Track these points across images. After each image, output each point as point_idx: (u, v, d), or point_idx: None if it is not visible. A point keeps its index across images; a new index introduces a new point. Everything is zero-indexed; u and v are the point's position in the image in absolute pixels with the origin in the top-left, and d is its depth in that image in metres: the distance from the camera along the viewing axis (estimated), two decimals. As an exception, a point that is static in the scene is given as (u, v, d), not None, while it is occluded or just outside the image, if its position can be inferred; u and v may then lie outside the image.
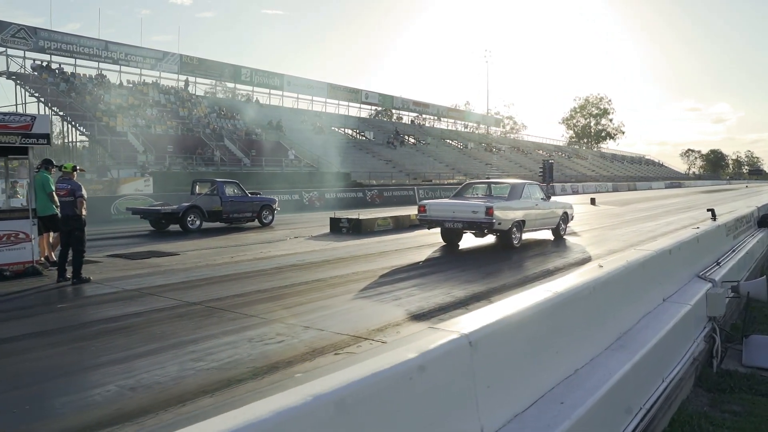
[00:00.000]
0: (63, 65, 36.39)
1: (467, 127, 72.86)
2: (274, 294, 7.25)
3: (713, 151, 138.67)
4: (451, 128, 69.07)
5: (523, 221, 11.68)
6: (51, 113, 32.79)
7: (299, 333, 5.48)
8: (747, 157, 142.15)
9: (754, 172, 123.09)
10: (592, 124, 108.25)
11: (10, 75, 33.43)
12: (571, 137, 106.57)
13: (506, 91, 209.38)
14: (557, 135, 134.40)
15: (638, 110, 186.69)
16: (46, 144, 8.85)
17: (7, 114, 9.46)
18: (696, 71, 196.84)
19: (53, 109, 32.24)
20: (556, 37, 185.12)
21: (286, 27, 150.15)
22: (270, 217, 17.90)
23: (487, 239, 12.49)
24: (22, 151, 8.78)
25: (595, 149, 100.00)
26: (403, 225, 15.74)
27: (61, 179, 8.14)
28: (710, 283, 5.63)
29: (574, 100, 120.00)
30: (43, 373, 4.53)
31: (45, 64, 35.25)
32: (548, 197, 13.02)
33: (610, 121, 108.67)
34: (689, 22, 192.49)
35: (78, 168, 8.41)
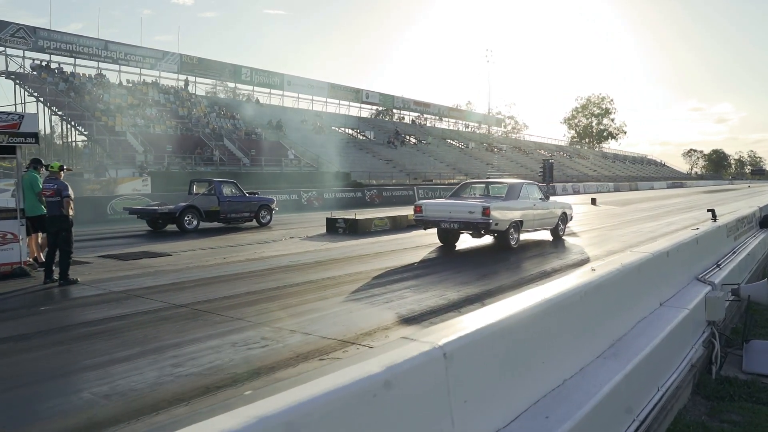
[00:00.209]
0: (62, 65, 36.29)
1: (468, 126, 72.64)
2: (263, 296, 7.08)
3: (716, 151, 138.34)
4: (453, 128, 68.87)
5: (520, 222, 11.50)
6: (50, 113, 32.80)
7: (285, 337, 5.31)
8: (749, 157, 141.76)
9: (757, 172, 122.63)
10: (593, 124, 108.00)
11: (9, 75, 33.32)
12: (572, 137, 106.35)
13: (508, 91, 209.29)
14: (559, 135, 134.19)
15: (640, 110, 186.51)
16: (35, 143, 8.70)
17: (-5, 113, 9.31)
18: (698, 71, 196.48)
19: (52, 108, 32.15)
20: (557, 36, 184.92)
21: (288, 27, 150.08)
22: (268, 217, 17.76)
23: (485, 239, 12.32)
24: (10, 150, 8.63)
25: (596, 149, 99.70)
26: (400, 225, 15.57)
27: (48, 179, 7.99)
28: (710, 286, 5.45)
29: (576, 100, 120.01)
30: (15, 379, 4.38)
31: (44, 63, 35.15)
32: (547, 197, 12.84)
33: (612, 121, 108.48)
34: (692, 22, 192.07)
35: (65, 167, 8.26)
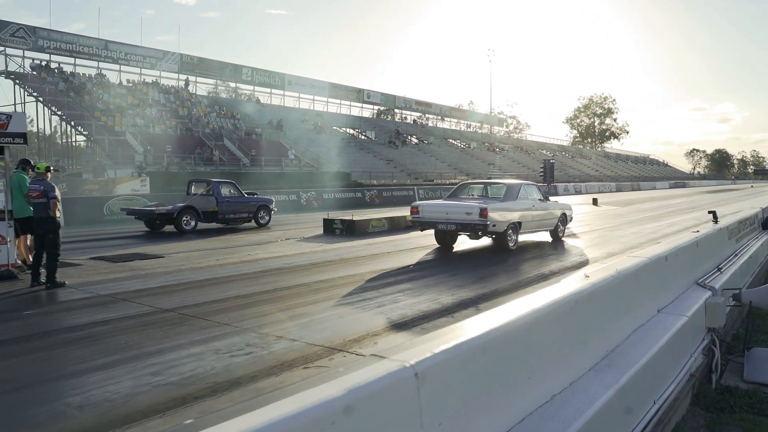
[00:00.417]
0: (62, 65, 36.19)
1: (470, 126, 72.41)
2: (252, 300, 6.92)
3: (718, 151, 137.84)
4: (454, 128, 68.65)
5: (519, 223, 11.32)
6: (50, 113, 32.70)
7: (271, 343, 5.15)
8: (752, 156, 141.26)
9: (760, 171, 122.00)
10: (596, 124, 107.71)
11: (8, 74, 33.22)
12: (575, 137, 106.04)
13: (510, 91, 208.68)
14: (561, 135, 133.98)
15: (643, 110, 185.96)
16: (23, 143, 8.55)
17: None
18: (701, 71, 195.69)
19: (52, 108, 32.05)
20: (560, 36, 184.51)
21: (290, 27, 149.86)
22: (267, 218, 17.62)
23: (484, 241, 12.14)
24: (-2, 151, 8.48)
25: (599, 149, 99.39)
26: (398, 226, 15.40)
27: (34, 180, 7.84)
28: (710, 292, 5.27)
29: (578, 100, 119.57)
30: (-13, 389, 4.22)
31: (44, 63, 35.04)
32: (546, 198, 12.65)
33: (615, 120, 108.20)
34: (694, 21, 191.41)
35: (52, 168, 8.09)
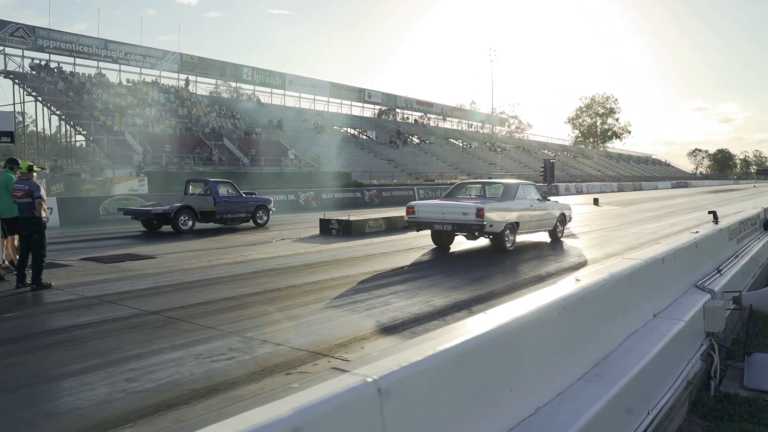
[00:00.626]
0: (62, 64, 36.08)
1: (472, 126, 72.19)
2: (241, 302, 6.76)
3: (720, 151, 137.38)
4: (456, 128, 68.45)
5: (516, 223, 11.15)
6: (49, 113, 32.60)
7: (254, 348, 4.98)
8: (755, 156, 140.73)
9: (762, 171, 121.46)
10: (598, 124, 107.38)
11: (8, 74, 33.13)
12: (576, 137, 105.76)
13: (512, 91, 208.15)
14: (563, 134, 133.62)
15: (645, 110, 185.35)
16: (10, 142, 8.41)
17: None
18: (703, 71, 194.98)
19: (51, 108, 31.94)
20: (561, 36, 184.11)
21: (292, 27, 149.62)
22: (265, 218, 17.48)
23: (481, 241, 11.96)
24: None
25: (601, 149, 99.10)
26: (396, 226, 15.22)
27: (19, 180, 7.68)
28: (709, 295, 5.09)
29: (580, 100, 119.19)
30: (-45, 396, 4.07)
31: (43, 63, 34.94)
32: (544, 198, 12.47)
33: (617, 120, 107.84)
34: (696, 21, 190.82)
35: (36, 167, 7.93)
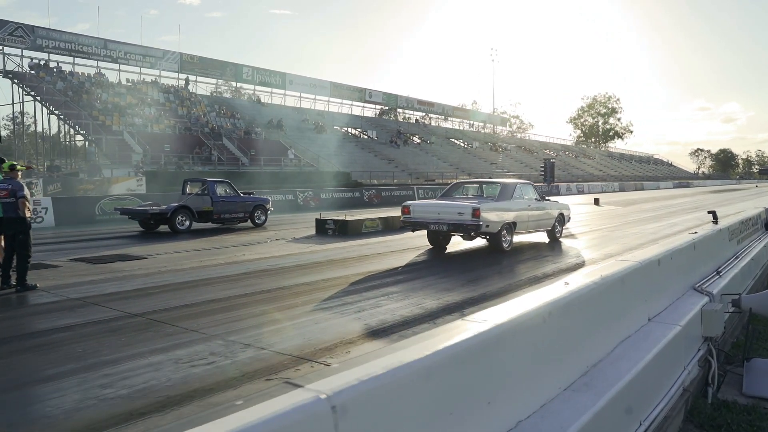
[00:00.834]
0: (61, 64, 35.99)
1: (473, 126, 71.99)
2: (227, 304, 6.60)
3: (723, 151, 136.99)
4: (457, 127, 68.25)
5: (513, 223, 10.97)
6: (47, 112, 32.48)
7: (236, 352, 4.82)
8: (757, 156, 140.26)
9: (765, 171, 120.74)
10: (599, 124, 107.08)
11: (6, 74, 33.03)
12: (578, 137, 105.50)
13: (513, 91, 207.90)
14: (565, 134, 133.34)
15: (648, 110, 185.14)
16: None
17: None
18: (706, 71, 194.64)
19: (49, 108, 31.83)
20: (563, 36, 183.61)
21: (294, 27, 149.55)
22: (263, 218, 17.36)
23: (478, 242, 11.80)
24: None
25: (602, 149, 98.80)
26: (392, 226, 15.05)
27: (2, 180, 7.51)
28: (707, 297, 4.92)
29: (582, 99, 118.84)
30: None
31: (43, 62, 34.82)
32: (542, 197, 12.29)
33: (619, 120, 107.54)
34: (699, 21, 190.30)
35: (19, 166, 7.75)
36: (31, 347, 5.07)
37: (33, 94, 32.20)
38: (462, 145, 61.84)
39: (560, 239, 12.84)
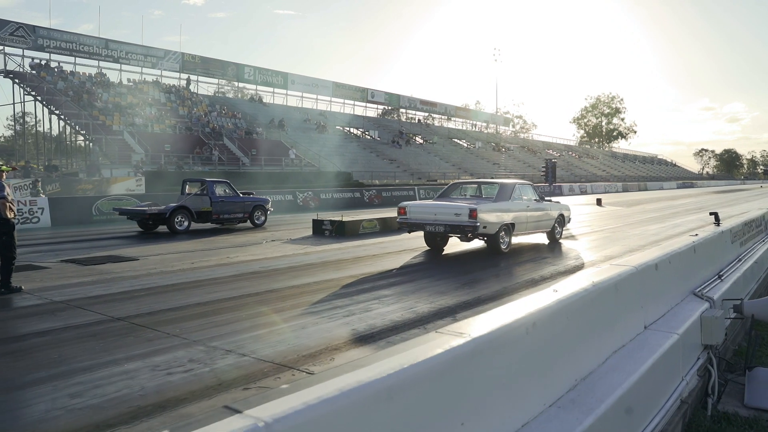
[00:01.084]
0: (62, 63, 35.91)
1: (476, 126, 71.73)
2: (213, 308, 6.41)
3: (727, 151, 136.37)
4: (460, 128, 68.00)
5: (512, 224, 10.76)
6: (48, 112, 32.39)
7: (216, 359, 4.64)
8: (762, 156, 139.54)
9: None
10: (603, 124, 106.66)
11: (7, 73, 32.96)
12: (582, 137, 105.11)
13: (516, 91, 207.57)
14: (568, 134, 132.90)
15: (652, 110, 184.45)
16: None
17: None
18: (710, 71, 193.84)
19: (50, 107, 31.75)
20: (566, 35, 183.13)
21: (298, 27, 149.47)
22: (263, 218, 17.20)
23: (476, 243, 11.60)
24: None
25: (606, 149, 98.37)
26: (391, 227, 14.84)
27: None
28: (707, 303, 4.71)
29: (586, 99, 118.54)
30: None
31: (44, 62, 34.74)
32: (542, 198, 12.08)
33: (622, 120, 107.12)
34: (703, 21, 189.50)
35: (4, 167, 7.54)
36: (5, 353, 4.89)
37: (33, 93, 32.12)
38: (464, 145, 61.61)
39: (560, 241, 12.63)
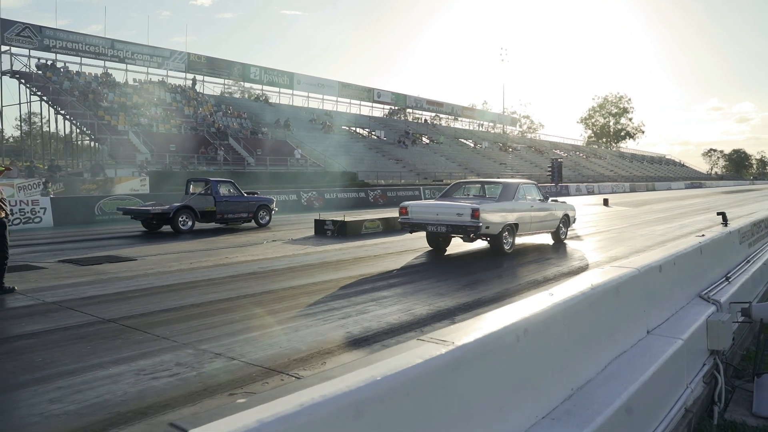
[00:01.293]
0: (69, 64, 35.97)
1: (482, 126, 71.43)
2: (207, 309, 6.28)
3: (736, 151, 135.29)
4: (466, 128, 67.73)
5: (515, 224, 10.58)
6: (54, 112, 32.45)
7: (204, 362, 4.50)
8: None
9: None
10: (611, 124, 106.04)
11: (14, 74, 33.05)
12: (589, 137, 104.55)
13: (523, 90, 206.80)
14: (576, 134, 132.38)
15: (661, 110, 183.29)
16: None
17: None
18: (719, 70, 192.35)
19: (56, 107, 31.81)
20: (574, 35, 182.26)
21: (305, 28, 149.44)
22: (267, 218, 17.11)
23: (479, 244, 11.42)
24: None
25: (613, 149, 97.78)
26: (393, 228, 14.68)
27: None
28: (714, 306, 4.53)
29: (593, 99, 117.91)
30: None
31: (50, 63, 34.82)
32: (546, 198, 11.88)
33: (630, 120, 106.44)
34: (711, 20, 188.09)
35: (-1, 167, 7.47)
36: (-10, 356, 4.78)
37: (39, 94, 32.19)
38: (471, 145, 61.31)
39: (565, 241, 12.43)
